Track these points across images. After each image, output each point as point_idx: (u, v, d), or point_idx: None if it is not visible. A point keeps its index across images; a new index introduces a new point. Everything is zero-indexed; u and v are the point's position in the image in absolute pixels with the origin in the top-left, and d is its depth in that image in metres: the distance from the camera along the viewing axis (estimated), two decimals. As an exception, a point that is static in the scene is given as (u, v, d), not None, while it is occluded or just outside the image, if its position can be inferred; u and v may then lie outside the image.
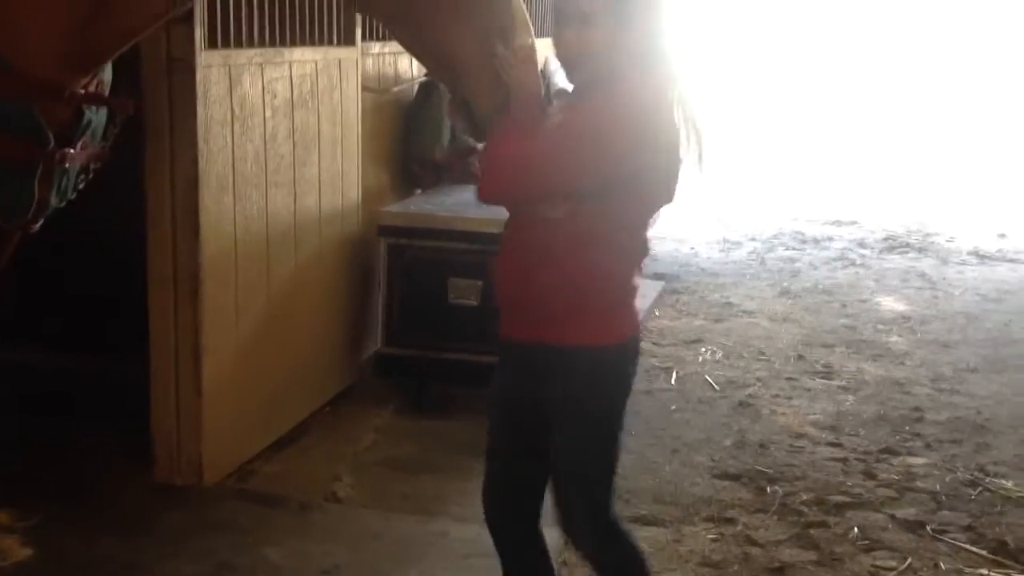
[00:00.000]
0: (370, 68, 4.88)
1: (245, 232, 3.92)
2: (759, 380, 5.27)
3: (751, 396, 5.05)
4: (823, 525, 3.79)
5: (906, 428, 4.70)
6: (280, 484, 3.95)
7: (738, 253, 8.09)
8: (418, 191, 5.30)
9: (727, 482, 4.12)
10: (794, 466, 4.27)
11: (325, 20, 4.43)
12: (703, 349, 5.72)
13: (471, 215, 4.54)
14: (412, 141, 5.23)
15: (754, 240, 8.51)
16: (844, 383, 5.26)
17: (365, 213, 4.80)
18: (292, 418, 4.34)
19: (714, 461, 4.31)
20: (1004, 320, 6.41)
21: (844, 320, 6.33)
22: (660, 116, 2.47)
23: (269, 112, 4.02)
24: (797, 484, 4.10)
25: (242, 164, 3.88)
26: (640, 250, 2.59)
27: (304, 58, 4.24)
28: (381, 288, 4.73)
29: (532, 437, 2.58)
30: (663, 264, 7.57)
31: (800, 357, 5.63)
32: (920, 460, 4.37)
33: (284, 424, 4.28)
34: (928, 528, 3.78)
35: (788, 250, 8.20)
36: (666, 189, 2.54)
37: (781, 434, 4.60)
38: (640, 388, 5.08)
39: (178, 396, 3.78)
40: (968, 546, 3.67)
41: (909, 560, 3.57)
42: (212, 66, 3.69)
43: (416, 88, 5.25)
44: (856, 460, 4.35)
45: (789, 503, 3.95)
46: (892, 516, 3.87)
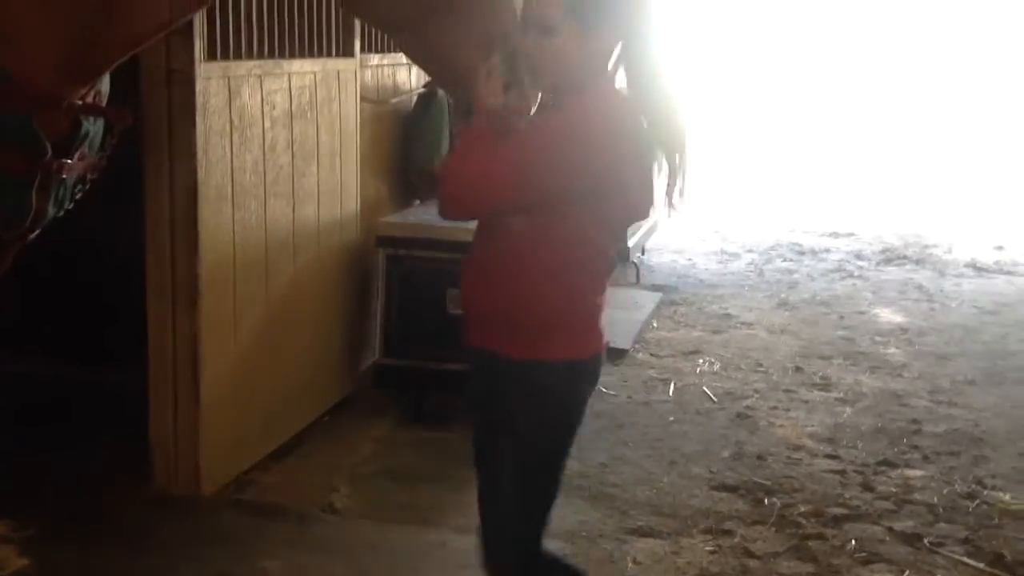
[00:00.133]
0: (369, 79, 4.89)
1: (244, 242, 3.93)
2: (757, 392, 5.28)
3: (749, 408, 5.05)
4: (821, 537, 3.79)
5: (904, 440, 4.70)
6: (278, 495, 3.94)
7: (736, 264, 8.10)
8: (416, 202, 5.31)
9: (725, 494, 4.12)
10: (792, 478, 4.27)
11: (324, 32, 4.44)
12: (701, 360, 5.73)
13: (469, 226, 4.53)
14: (410, 152, 5.24)
15: (752, 252, 8.52)
16: (842, 395, 5.27)
17: (363, 223, 4.80)
18: (290, 428, 4.34)
19: (712, 473, 4.31)
20: (1001, 333, 6.42)
21: (842, 332, 6.34)
22: (624, 129, 2.37)
23: (268, 123, 4.03)
24: (795, 496, 4.10)
25: (241, 175, 3.88)
26: (603, 267, 2.47)
27: (303, 70, 4.25)
28: (379, 298, 4.73)
29: None
30: (661, 275, 7.58)
31: (798, 369, 5.64)
32: (918, 472, 4.37)
33: (282, 434, 4.28)
34: (925, 541, 3.78)
35: (786, 262, 8.21)
36: (635, 205, 2.45)
37: (779, 446, 4.60)
38: (638, 399, 5.11)
39: (176, 406, 3.78)
40: (965, 559, 3.67)
41: (906, 573, 3.58)
42: (211, 77, 3.69)
43: (415, 99, 5.26)
44: (854, 472, 4.35)
45: (787, 515, 3.94)
46: (890, 528, 3.87)
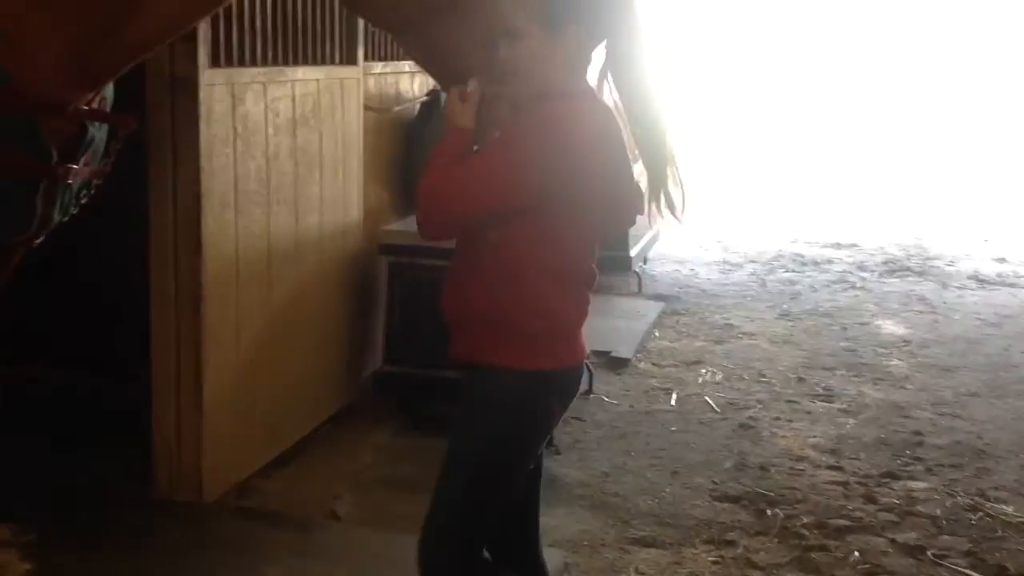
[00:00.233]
0: (372, 87, 4.90)
1: (247, 250, 3.92)
2: (759, 402, 5.27)
3: (751, 418, 5.04)
4: (824, 549, 3.77)
5: (907, 452, 4.69)
6: (280, 502, 3.94)
7: (738, 275, 8.10)
8: (419, 210, 5.30)
9: (727, 504, 4.11)
10: (795, 489, 4.26)
11: (328, 40, 4.44)
12: (703, 370, 5.72)
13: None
14: (414, 160, 5.23)
15: (754, 262, 8.52)
16: (845, 406, 5.26)
17: (366, 231, 4.80)
18: (292, 435, 4.33)
19: (714, 483, 4.30)
20: (1004, 345, 6.41)
21: (844, 343, 6.33)
22: (600, 135, 2.29)
23: (271, 131, 4.03)
24: (798, 507, 4.09)
25: (244, 182, 3.88)
26: (580, 278, 2.41)
27: (307, 77, 4.26)
28: (382, 306, 4.73)
29: None
30: (663, 285, 7.58)
31: (800, 380, 5.63)
32: (921, 484, 4.36)
33: (284, 441, 4.27)
34: (928, 553, 3.77)
35: (788, 272, 8.21)
36: (616, 215, 2.40)
37: (782, 457, 4.59)
38: (640, 408, 5.11)
39: (179, 412, 3.77)
40: (968, 571, 3.66)
41: (909, 585, 3.57)
42: (215, 85, 3.70)
43: (418, 107, 5.27)
44: (857, 484, 4.34)
45: (790, 526, 3.93)
46: (893, 540, 3.86)
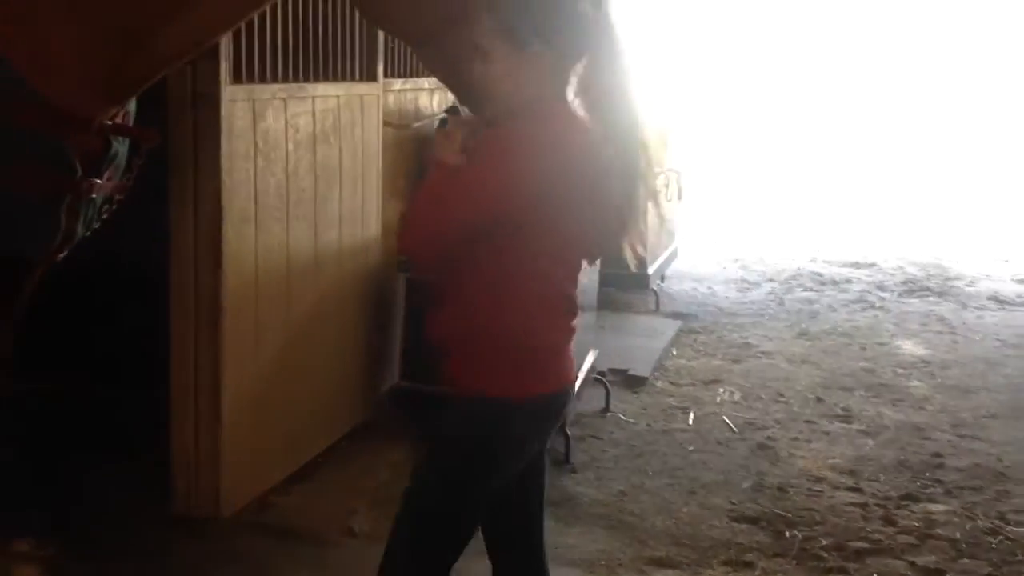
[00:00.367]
0: (391, 104, 4.91)
1: (266, 265, 3.93)
2: (778, 422, 5.24)
3: (770, 438, 5.01)
4: (842, 571, 3.75)
5: (926, 474, 4.66)
6: (297, 517, 3.93)
7: (756, 293, 8.08)
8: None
9: (745, 525, 4.09)
10: (813, 510, 4.23)
11: (348, 57, 4.46)
12: (721, 390, 5.70)
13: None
14: (433, 177, 5.25)
15: (772, 280, 8.50)
16: (864, 427, 5.22)
17: (385, 247, 4.81)
18: (309, 451, 4.33)
19: (732, 503, 4.27)
20: (1024, 366, 6.37)
21: (863, 363, 6.30)
22: (570, 156, 2.20)
23: (292, 146, 4.04)
24: (816, 529, 4.07)
25: (264, 197, 3.90)
26: (556, 304, 2.32)
27: (327, 93, 4.28)
28: (399, 322, 4.73)
29: None
30: (680, 303, 7.56)
31: (819, 400, 5.60)
32: (940, 507, 4.33)
33: (301, 457, 4.27)
34: (948, 576, 3.74)
35: (806, 291, 8.18)
36: (596, 239, 2.33)
37: (800, 478, 4.56)
38: (657, 427, 5.09)
39: (197, 427, 3.78)
40: (989, 595, 3.64)
41: (930, 608, 3.54)
42: (236, 100, 3.71)
43: (437, 124, 5.27)
44: (876, 506, 4.31)
45: (808, 548, 3.91)
46: (912, 563, 3.83)
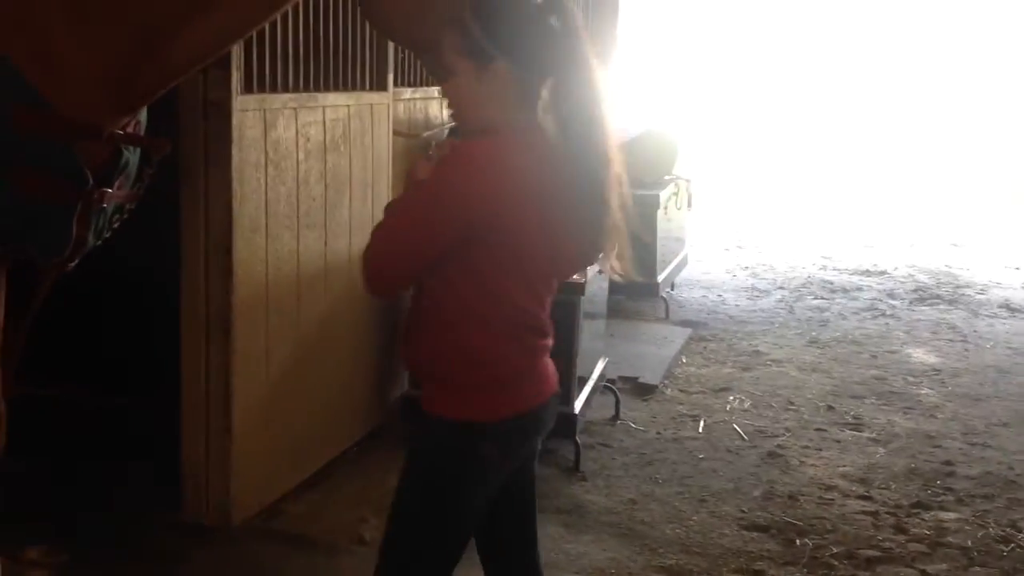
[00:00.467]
0: (401, 113, 4.93)
1: (276, 273, 3.95)
2: (788, 430, 5.23)
3: (780, 446, 5.00)
4: (853, 579, 3.74)
5: (937, 482, 4.64)
6: (307, 525, 3.93)
7: (766, 301, 8.06)
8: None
9: (756, 533, 4.08)
10: (824, 519, 4.22)
11: (358, 66, 4.48)
12: (731, 398, 5.69)
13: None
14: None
15: (783, 288, 8.48)
16: (874, 435, 5.21)
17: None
18: (319, 459, 4.34)
19: (743, 512, 4.26)
20: (1036, 374, 6.35)
21: (874, 371, 6.28)
22: (519, 175, 2.15)
23: (302, 155, 4.06)
24: (827, 537, 4.06)
25: (275, 206, 3.91)
26: (521, 325, 2.26)
27: (337, 103, 4.29)
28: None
29: None
30: (691, 311, 7.55)
31: (830, 408, 5.58)
32: (951, 515, 4.31)
33: (311, 465, 4.28)
34: (960, 584, 3.73)
35: (817, 299, 8.16)
36: (562, 259, 2.28)
37: (811, 486, 4.55)
38: (667, 435, 5.08)
39: (208, 436, 3.79)
40: (1001, 604, 3.62)
41: (941, 617, 3.53)
42: (247, 110, 3.73)
43: (446, 132, 5.29)
44: (887, 514, 4.30)
45: (819, 556, 3.90)
46: (923, 572, 3.82)
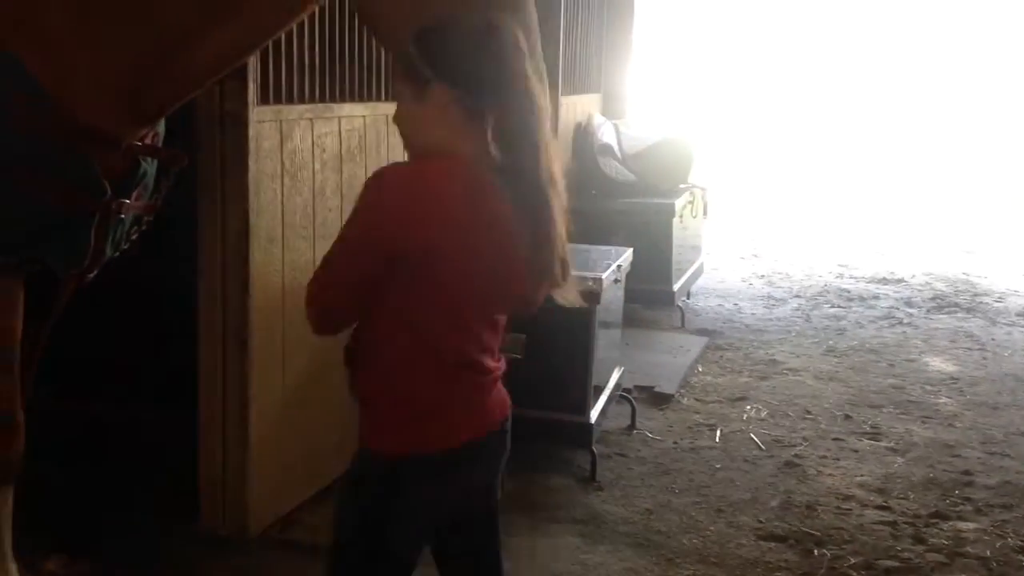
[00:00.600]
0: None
1: (293, 284, 3.95)
2: (805, 440, 5.21)
3: (797, 456, 4.98)
4: (872, 590, 3.72)
5: (956, 492, 4.62)
6: (324, 535, 3.92)
7: (783, 309, 8.04)
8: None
9: (773, 544, 4.06)
10: (842, 529, 4.20)
11: (373, 76, 4.49)
12: (748, 407, 5.67)
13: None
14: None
15: (799, 297, 8.46)
16: (892, 444, 5.19)
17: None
18: (336, 469, 4.32)
19: (760, 522, 4.25)
20: (1055, 382, 6.30)
21: (892, 380, 6.25)
22: (447, 202, 2.11)
23: (318, 166, 4.07)
24: (845, 547, 4.04)
25: (291, 217, 3.93)
26: (452, 361, 2.21)
27: (353, 113, 4.30)
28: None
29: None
30: (707, 320, 7.54)
31: (847, 417, 5.56)
32: (970, 525, 4.29)
33: (328, 475, 4.27)
34: (980, 595, 3.71)
35: (834, 308, 8.13)
36: (495, 294, 2.20)
37: (828, 496, 4.53)
38: (684, 445, 5.07)
39: (225, 446, 3.80)
40: (1021, 615, 3.59)
41: (961, 628, 3.50)
42: (264, 121, 3.75)
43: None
44: (905, 524, 4.27)
45: (837, 567, 3.88)
46: (943, 582, 3.80)
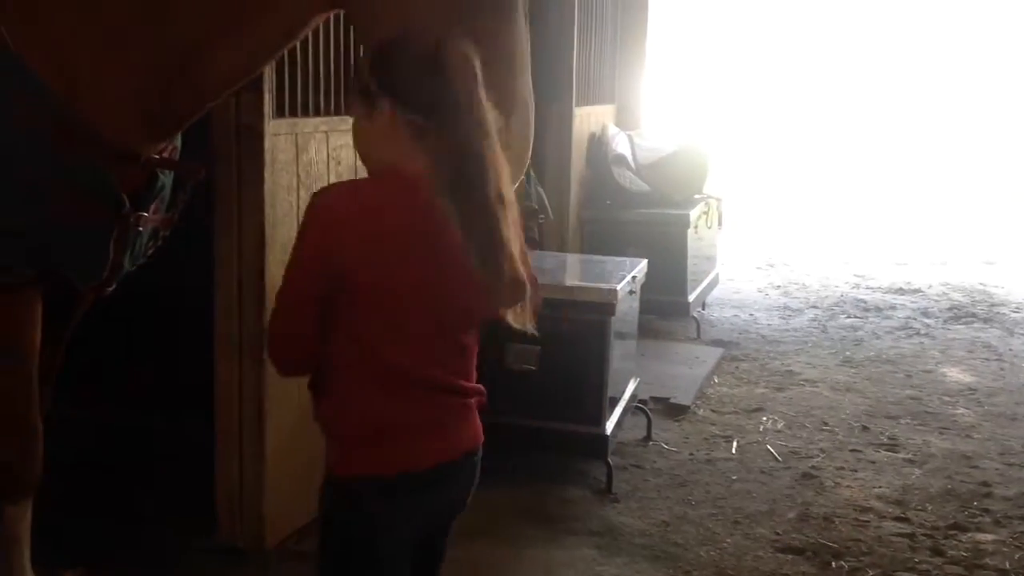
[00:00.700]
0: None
1: (309, 296, 3.96)
2: (822, 451, 5.19)
3: (814, 468, 4.96)
4: (890, 602, 3.70)
5: (974, 503, 4.59)
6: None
7: (799, 320, 8.01)
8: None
9: (791, 556, 4.04)
10: (860, 541, 4.18)
11: (390, 88, 4.50)
12: (764, 418, 5.65)
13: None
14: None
15: (815, 307, 8.43)
16: (910, 456, 5.16)
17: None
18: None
19: (777, 534, 4.23)
20: (1074, 393, 6.26)
21: (909, 391, 6.22)
22: (384, 220, 2.12)
23: (334, 178, 4.08)
24: (863, 560, 4.01)
25: (307, 229, 3.93)
26: (399, 382, 2.19)
27: (369, 125, 4.31)
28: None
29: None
30: (722, 331, 7.52)
31: (864, 428, 5.53)
32: (989, 537, 4.26)
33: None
34: (999, 608, 3.68)
35: (850, 318, 8.10)
36: (448, 314, 2.18)
37: (846, 508, 4.51)
38: (700, 457, 5.05)
39: (241, 458, 3.80)
40: (1041, 628, 3.57)
41: (980, 641, 3.48)
42: (280, 134, 3.76)
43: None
44: (923, 536, 4.25)
45: (855, 579, 3.86)
46: (962, 594, 3.78)
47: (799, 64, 17.86)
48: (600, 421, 4.54)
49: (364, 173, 4.25)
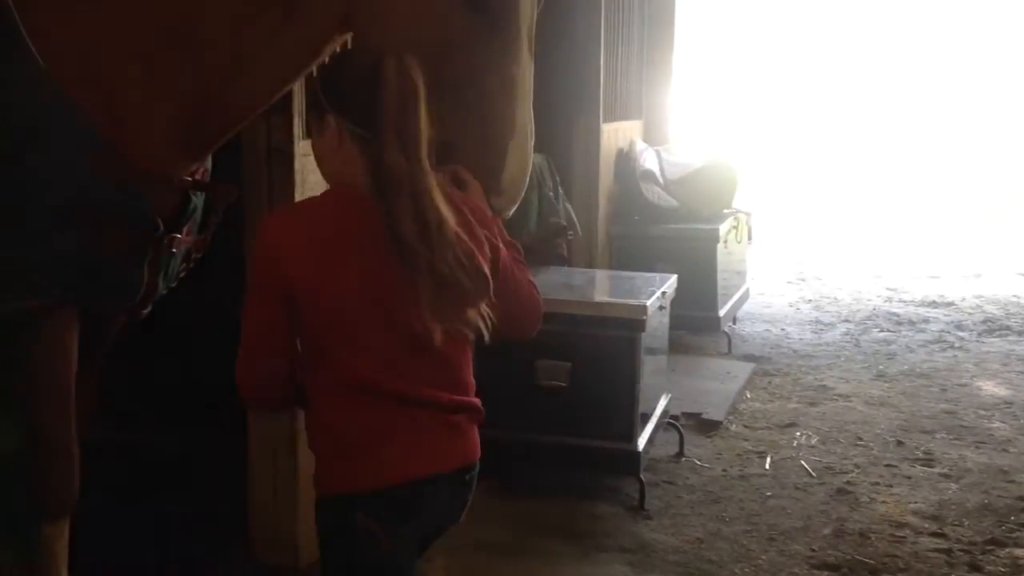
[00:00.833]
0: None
1: (340, 315, 3.98)
2: (857, 467, 5.14)
3: (849, 483, 4.92)
4: (928, 619, 3.66)
5: (1012, 518, 4.53)
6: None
7: (831, 334, 7.96)
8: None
9: (826, 572, 4.01)
10: (896, 557, 4.14)
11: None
12: (798, 433, 5.61)
13: (560, 296, 4.56)
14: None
15: (848, 321, 8.37)
16: (946, 470, 5.10)
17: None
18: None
19: (813, 551, 4.19)
20: (1112, 406, 6.18)
21: (944, 405, 6.16)
22: (330, 240, 2.15)
23: (364, 197, 4.10)
24: (900, 576, 3.98)
25: (338, 248, 3.95)
26: (370, 395, 2.18)
27: (398, 144, 4.33)
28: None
29: None
30: (754, 345, 7.48)
31: (899, 443, 5.48)
32: (1028, 552, 4.21)
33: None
34: (1040, 624, 3.63)
35: (883, 332, 8.03)
36: (400, 325, 2.14)
37: (882, 523, 4.46)
38: (733, 473, 5.02)
39: (275, 476, 3.82)
40: (1083, 644, 3.51)
41: (1021, 658, 3.43)
42: (309, 155, 3.75)
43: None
44: (961, 551, 4.20)
45: (892, 596, 3.82)
46: (1001, 611, 3.73)
47: (826, 76, 17.79)
48: (632, 437, 4.52)
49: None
